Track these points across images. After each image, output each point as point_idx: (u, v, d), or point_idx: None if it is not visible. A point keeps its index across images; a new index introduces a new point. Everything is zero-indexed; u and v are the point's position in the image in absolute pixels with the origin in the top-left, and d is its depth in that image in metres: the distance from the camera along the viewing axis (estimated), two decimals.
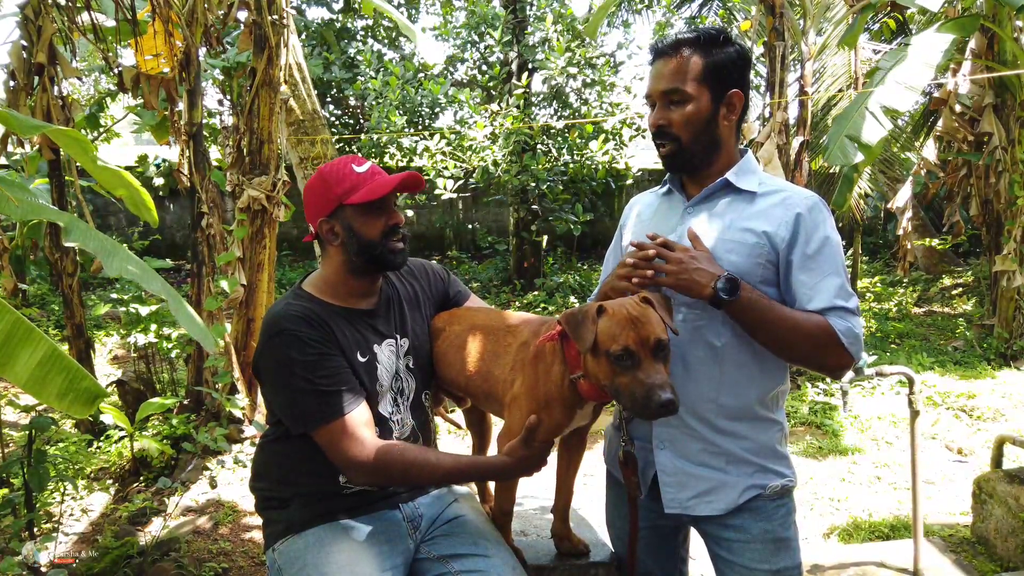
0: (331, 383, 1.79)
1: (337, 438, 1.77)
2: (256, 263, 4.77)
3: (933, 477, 4.47)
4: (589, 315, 1.62)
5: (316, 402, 1.78)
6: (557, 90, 9.70)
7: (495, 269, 11.38)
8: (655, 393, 1.52)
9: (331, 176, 1.88)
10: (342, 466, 1.81)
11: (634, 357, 1.57)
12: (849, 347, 1.67)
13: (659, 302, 1.65)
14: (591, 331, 1.60)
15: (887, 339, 7.98)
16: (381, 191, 1.83)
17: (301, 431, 1.83)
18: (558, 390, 1.75)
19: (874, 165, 9.62)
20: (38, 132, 3.33)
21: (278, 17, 4.56)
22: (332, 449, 1.78)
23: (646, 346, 1.57)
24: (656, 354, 1.58)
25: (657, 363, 1.57)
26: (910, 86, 5.75)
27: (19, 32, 4.45)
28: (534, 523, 2.40)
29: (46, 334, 7.28)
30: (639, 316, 1.59)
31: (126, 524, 3.86)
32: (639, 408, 1.56)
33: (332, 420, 1.77)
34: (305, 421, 1.80)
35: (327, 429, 1.77)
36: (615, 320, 1.59)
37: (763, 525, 1.80)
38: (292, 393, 1.81)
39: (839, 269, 1.72)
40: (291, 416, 1.85)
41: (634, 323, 1.58)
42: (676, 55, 1.77)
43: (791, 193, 1.80)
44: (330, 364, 1.81)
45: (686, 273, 1.67)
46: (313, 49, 11.02)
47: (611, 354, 1.58)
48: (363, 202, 1.84)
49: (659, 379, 1.54)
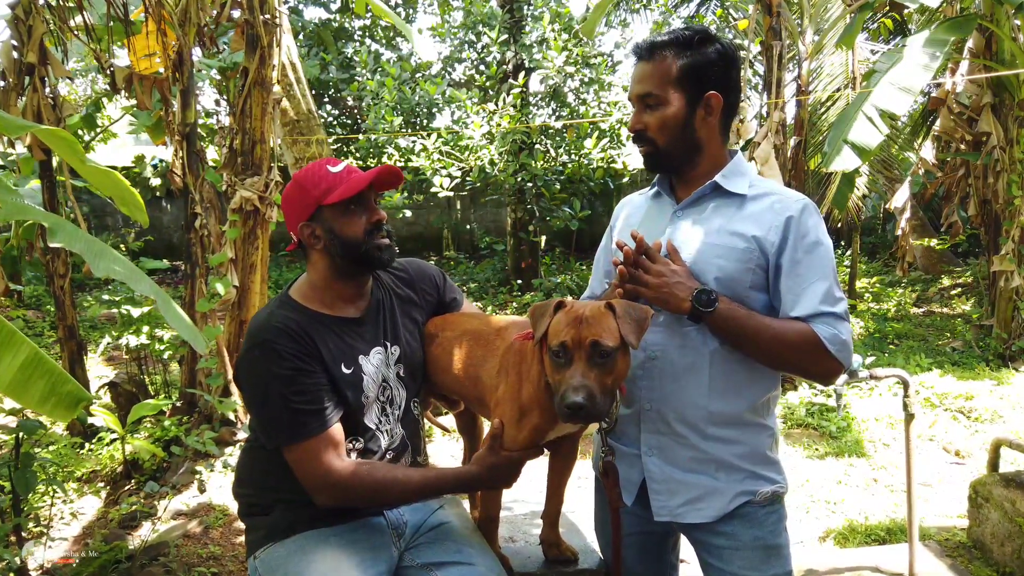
0: (304, 401, 1.75)
1: (305, 458, 1.74)
2: (248, 264, 4.73)
3: (930, 480, 4.44)
4: (548, 308, 1.63)
5: (288, 419, 1.74)
6: (555, 89, 9.67)
7: (493, 269, 11.36)
8: (568, 394, 1.50)
9: (306, 180, 1.84)
10: (308, 487, 1.76)
11: (567, 354, 1.55)
12: (836, 354, 1.64)
13: (626, 312, 1.59)
14: (545, 323, 1.61)
15: (885, 340, 7.96)
16: (358, 187, 1.80)
17: (272, 446, 1.79)
18: (537, 393, 1.72)
19: (872, 165, 9.60)
20: (25, 131, 3.30)
21: (270, 16, 4.52)
22: (299, 469, 1.75)
23: (581, 347, 1.54)
24: (592, 358, 1.54)
25: (589, 367, 1.53)
26: (906, 88, 5.74)
27: (10, 32, 4.41)
28: (523, 528, 2.37)
29: (42, 335, 7.24)
30: (589, 317, 1.56)
31: (116, 528, 3.83)
32: (558, 408, 1.55)
33: (301, 440, 1.73)
34: (275, 437, 1.77)
35: (296, 448, 1.74)
36: (565, 317, 1.58)
37: (754, 532, 1.77)
38: (265, 407, 1.78)
39: (828, 273, 1.69)
40: (263, 430, 1.82)
41: (579, 322, 1.56)
42: (651, 58, 1.76)
43: (781, 196, 1.77)
44: (306, 381, 1.76)
45: (666, 287, 1.66)
46: (310, 49, 10.99)
47: (551, 349, 1.58)
48: (341, 200, 1.80)
49: (577, 381, 1.51)
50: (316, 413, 1.75)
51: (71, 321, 4.92)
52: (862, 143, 5.59)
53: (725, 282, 1.70)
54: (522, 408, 1.74)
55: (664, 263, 1.70)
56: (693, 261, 1.73)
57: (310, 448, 1.73)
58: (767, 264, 1.71)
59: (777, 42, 6.29)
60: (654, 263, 1.69)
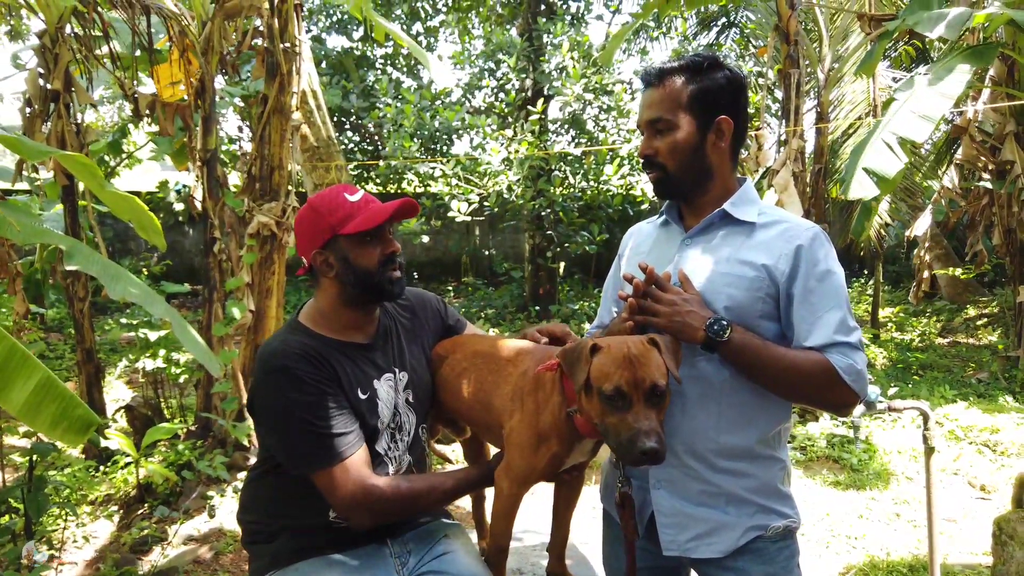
0: (331, 425, 1.74)
1: (338, 482, 1.72)
2: (265, 289, 4.77)
3: (954, 515, 4.33)
4: (583, 352, 1.58)
5: (316, 445, 1.72)
6: (575, 116, 9.72)
7: (511, 295, 11.35)
8: (640, 439, 1.47)
9: (323, 206, 1.83)
10: (342, 510, 1.75)
11: (626, 399, 1.51)
12: (852, 384, 1.61)
13: (667, 346, 1.58)
14: (584, 369, 1.56)
15: (909, 370, 7.81)
16: (378, 219, 1.79)
17: (300, 472, 1.77)
18: (555, 423, 1.70)
19: (895, 193, 9.51)
20: (46, 157, 3.36)
21: (290, 45, 4.60)
22: (331, 493, 1.73)
23: (639, 389, 1.51)
24: (650, 399, 1.52)
25: (649, 408, 1.51)
26: (927, 116, 5.68)
27: (36, 60, 4.52)
28: (531, 560, 2.34)
29: (63, 358, 7.29)
30: (638, 356, 1.53)
31: (127, 552, 3.82)
32: (623, 453, 1.51)
33: (333, 464, 1.72)
34: (304, 463, 1.75)
35: (327, 472, 1.72)
36: (611, 358, 1.54)
37: (765, 568, 1.72)
38: (290, 434, 1.76)
39: (841, 303, 1.66)
40: (289, 457, 1.80)
41: (631, 363, 1.52)
42: (660, 84, 1.76)
43: (791, 224, 1.74)
44: (330, 405, 1.75)
45: (679, 316, 1.63)
46: (332, 77, 11.14)
47: (602, 393, 1.53)
48: (359, 232, 1.80)
49: (647, 425, 1.48)
50: (344, 435, 1.74)
51: (89, 344, 4.96)
52: (880, 171, 5.52)
53: (735, 311, 1.68)
54: (540, 436, 1.72)
55: (676, 292, 1.68)
56: (703, 290, 1.71)
57: (344, 470, 1.72)
58: (777, 293, 1.69)
59: (795, 70, 6.28)
60: (665, 292, 1.67)
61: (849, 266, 14.83)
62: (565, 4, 10.65)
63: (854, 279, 14.50)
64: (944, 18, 5.45)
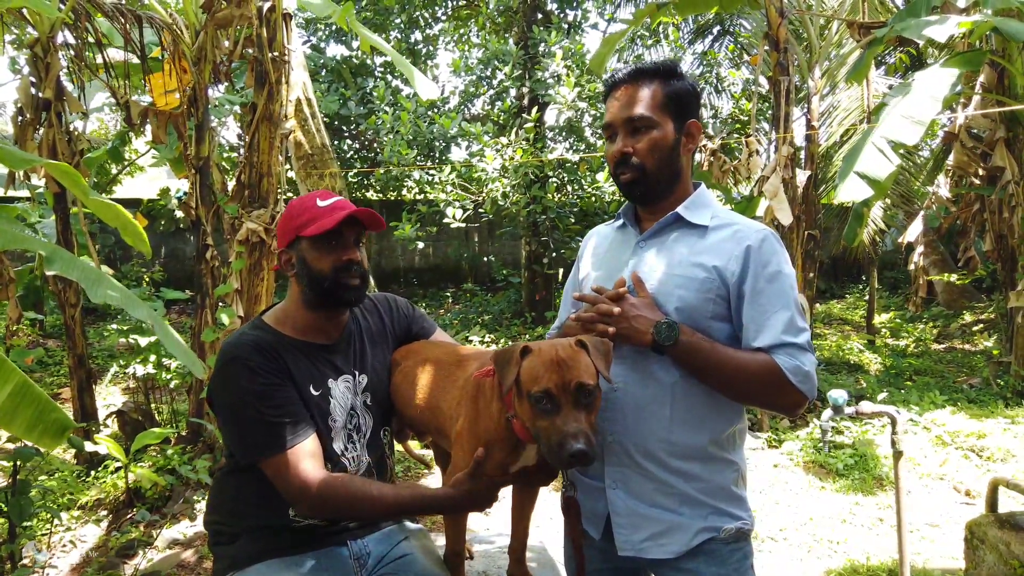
0: (279, 414, 1.78)
1: (284, 470, 1.75)
2: (254, 295, 4.80)
3: (938, 520, 4.34)
4: (514, 355, 1.59)
5: (264, 433, 1.77)
6: (571, 124, 9.76)
7: (508, 301, 11.37)
8: (567, 442, 1.47)
9: (295, 208, 1.91)
10: (289, 497, 1.79)
11: (554, 401, 1.52)
12: (799, 385, 1.63)
13: (596, 348, 1.59)
14: (513, 371, 1.57)
15: (901, 376, 7.81)
16: (329, 224, 1.83)
17: (249, 462, 1.82)
18: (496, 428, 1.71)
19: (891, 199, 9.53)
20: (29, 166, 3.41)
21: (279, 54, 4.64)
22: (279, 480, 1.77)
23: (567, 391, 1.52)
24: (578, 400, 1.52)
25: (578, 410, 1.52)
26: (917, 120, 5.71)
27: (28, 69, 4.58)
28: (498, 563, 2.35)
29: (60, 363, 7.34)
30: (566, 359, 1.54)
31: (113, 557, 3.85)
32: (552, 456, 1.51)
33: (279, 452, 1.76)
34: (253, 452, 1.79)
35: (274, 460, 1.76)
36: (539, 361, 1.55)
37: (717, 570, 1.74)
38: (241, 423, 1.81)
39: (789, 303, 1.69)
40: (239, 446, 1.85)
41: (558, 366, 1.53)
42: (637, 84, 1.78)
43: (742, 227, 1.77)
44: (279, 395, 1.80)
45: (625, 321, 1.66)
46: (330, 85, 11.19)
47: (531, 395, 1.54)
48: (315, 235, 1.84)
49: (575, 428, 1.48)
50: (291, 425, 1.78)
51: (81, 350, 5.01)
52: (872, 174, 5.56)
53: (686, 312, 1.71)
54: (481, 442, 1.73)
55: (626, 298, 1.71)
56: (655, 291, 1.74)
57: (288, 459, 1.75)
58: (728, 294, 1.71)
59: (785, 77, 6.31)
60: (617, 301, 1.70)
61: (846, 272, 14.83)
62: (562, 13, 10.70)
63: (851, 285, 14.49)
64: (930, 25, 5.48)
